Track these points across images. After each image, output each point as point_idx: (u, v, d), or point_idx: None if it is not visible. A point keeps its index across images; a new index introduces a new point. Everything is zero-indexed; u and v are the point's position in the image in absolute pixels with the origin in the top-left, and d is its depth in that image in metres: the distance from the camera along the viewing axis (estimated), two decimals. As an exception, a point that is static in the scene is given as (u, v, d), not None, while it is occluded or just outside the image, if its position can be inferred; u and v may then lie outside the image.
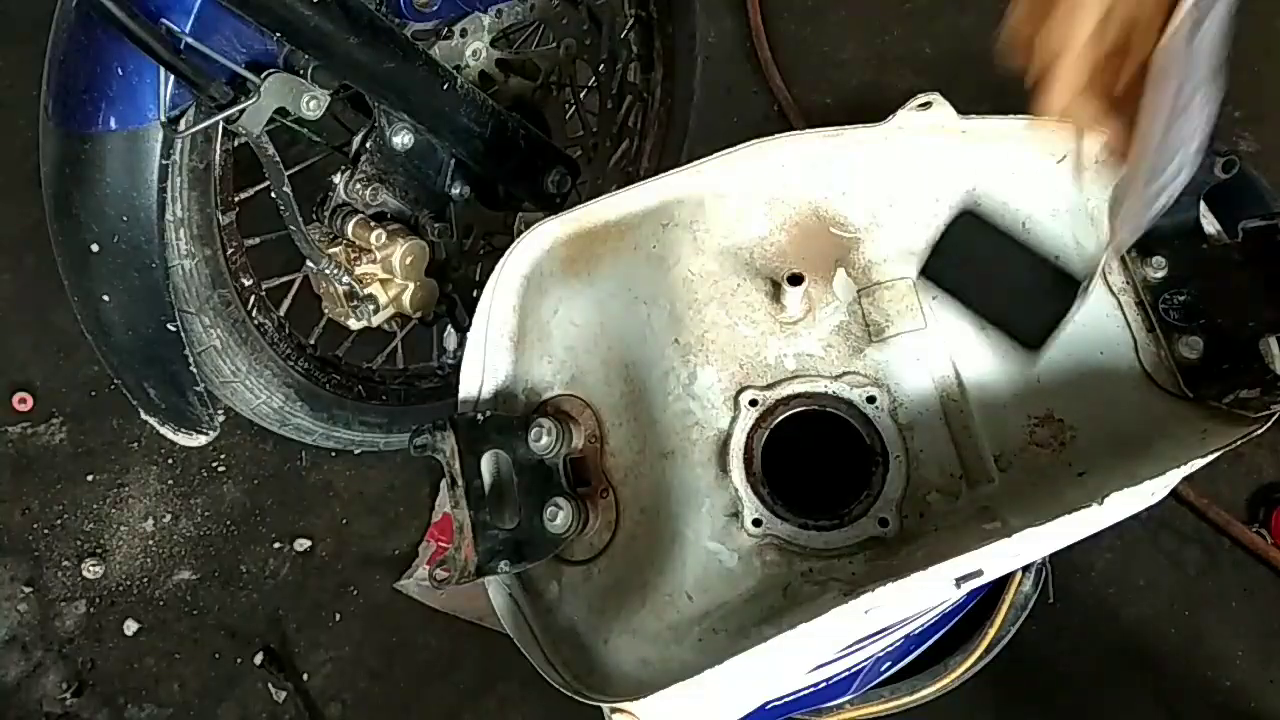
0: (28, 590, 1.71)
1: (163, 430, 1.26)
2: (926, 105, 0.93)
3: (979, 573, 0.80)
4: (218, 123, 1.08)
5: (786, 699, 1.09)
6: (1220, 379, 0.87)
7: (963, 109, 0.93)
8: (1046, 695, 1.51)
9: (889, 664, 1.32)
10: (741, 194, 0.95)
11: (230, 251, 1.20)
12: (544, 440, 0.92)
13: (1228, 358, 0.88)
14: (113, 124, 1.04)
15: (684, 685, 0.77)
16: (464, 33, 1.28)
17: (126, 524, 1.75)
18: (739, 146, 0.92)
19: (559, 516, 0.90)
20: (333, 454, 1.74)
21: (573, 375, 0.97)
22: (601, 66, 1.50)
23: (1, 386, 1.85)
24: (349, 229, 1.25)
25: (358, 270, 1.26)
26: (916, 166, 0.95)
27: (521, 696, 1.58)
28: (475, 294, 1.19)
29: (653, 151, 1.65)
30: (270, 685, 1.63)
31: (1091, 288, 0.80)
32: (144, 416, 1.25)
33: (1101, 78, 0.59)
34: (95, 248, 1.09)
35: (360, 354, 1.46)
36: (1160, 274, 0.91)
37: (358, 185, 1.25)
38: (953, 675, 1.45)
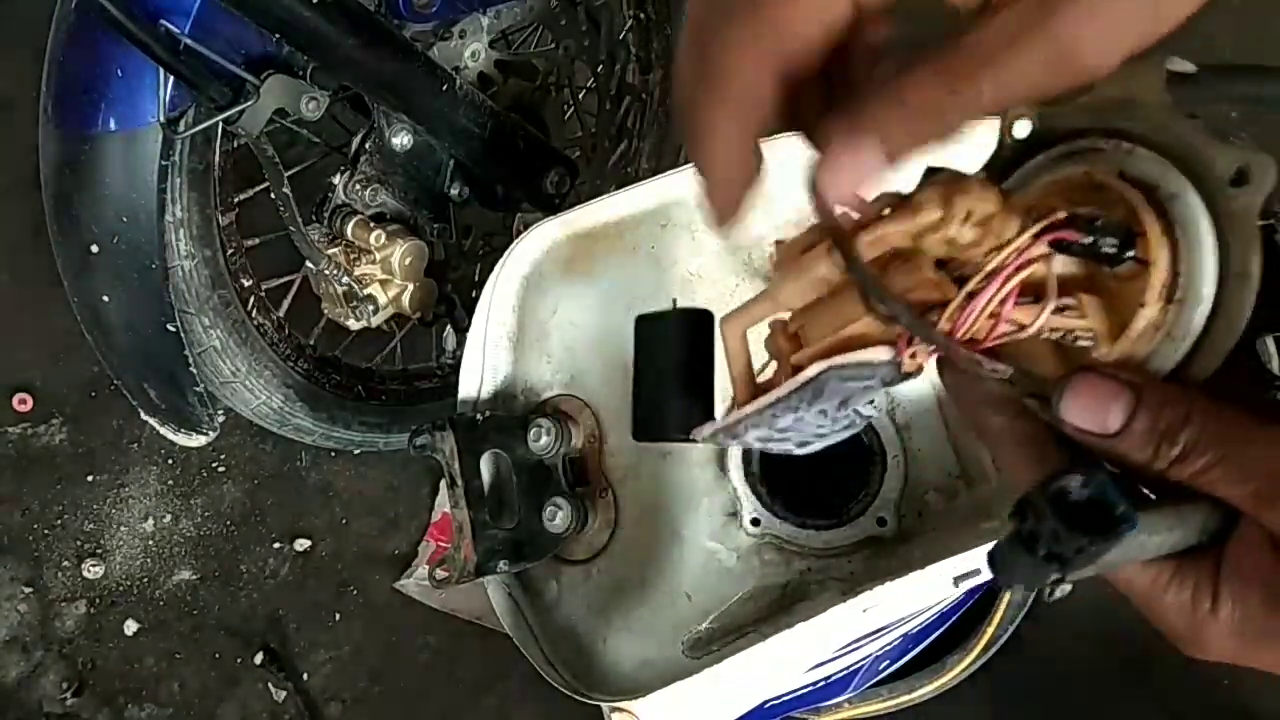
0: (28, 590, 1.71)
1: (163, 430, 1.26)
2: (924, 106, 0.93)
3: (976, 572, 0.81)
4: (217, 124, 1.08)
5: (785, 698, 1.09)
6: (1216, 378, 0.87)
7: (960, 109, 0.93)
8: (1044, 694, 1.51)
9: (887, 663, 1.32)
10: (740, 194, 0.95)
11: (230, 252, 1.20)
12: (543, 440, 0.92)
13: (1224, 357, 0.88)
14: (112, 125, 1.05)
15: (683, 684, 0.77)
16: (463, 34, 1.28)
17: (126, 524, 1.76)
18: (737, 147, 0.92)
19: (558, 516, 0.90)
20: (333, 454, 1.74)
21: (572, 375, 0.97)
22: (600, 67, 1.50)
23: (1, 386, 1.85)
24: (348, 230, 1.26)
25: (357, 271, 1.26)
26: (913, 166, 0.95)
27: (521, 696, 1.58)
28: (474, 294, 1.19)
29: (651, 152, 1.65)
30: (270, 685, 1.63)
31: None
32: (144, 416, 1.25)
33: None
34: (95, 248, 1.09)
35: (360, 354, 1.46)
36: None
37: (357, 186, 1.25)
38: (951, 674, 1.45)
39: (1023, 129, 0.49)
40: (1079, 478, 0.39)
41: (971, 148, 0.46)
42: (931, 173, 0.45)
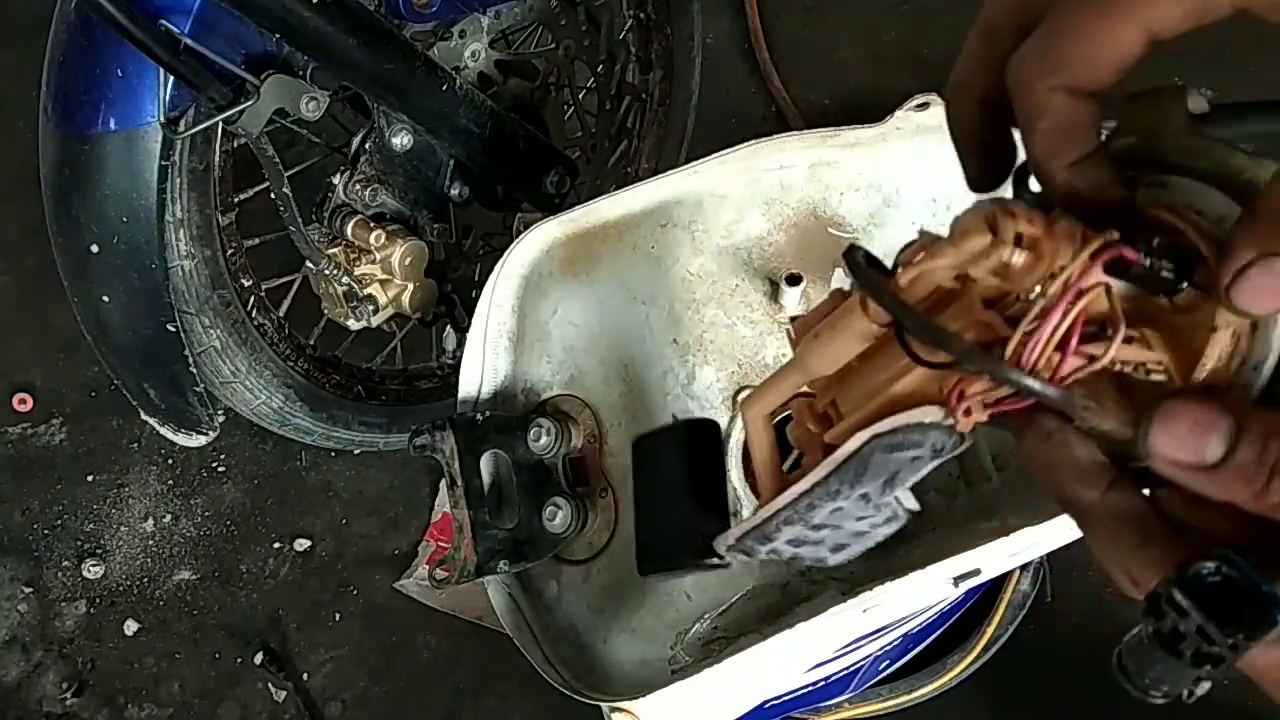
0: (28, 590, 1.71)
1: (163, 430, 1.26)
2: (924, 106, 0.93)
3: (977, 572, 0.81)
4: (217, 124, 1.08)
5: (785, 698, 1.09)
6: None
7: (960, 109, 0.93)
8: (1044, 694, 1.51)
9: (887, 663, 1.32)
10: (740, 194, 0.95)
11: (230, 252, 1.21)
12: (543, 440, 0.92)
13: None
14: (112, 125, 1.05)
15: (683, 684, 0.77)
16: (463, 34, 1.28)
17: (126, 524, 1.76)
18: (737, 147, 0.93)
19: (558, 516, 0.90)
20: (333, 454, 1.74)
21: (571, 375, 0.97)
22: (600, 67, 1.50)
23: (1, 387, 1.85)
24: (348, 230, 1.26)
25: (357, 271, 1.26)
26: (914, 167, 0.95)
27: (521, 696, 1.58)
28: (474, 294, 1.19)
29: (651, 152, 1.65)
30: (270, 685, 1.63)
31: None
32: (144, 417, 1.25)
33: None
34: (95, 248, 1.09)
35: (360, 354, 1.46)
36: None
37: (357, 186, 1.25)
38: (951, 674, 1.45)
39: None
40: (1211, 563, 0.35)
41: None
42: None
